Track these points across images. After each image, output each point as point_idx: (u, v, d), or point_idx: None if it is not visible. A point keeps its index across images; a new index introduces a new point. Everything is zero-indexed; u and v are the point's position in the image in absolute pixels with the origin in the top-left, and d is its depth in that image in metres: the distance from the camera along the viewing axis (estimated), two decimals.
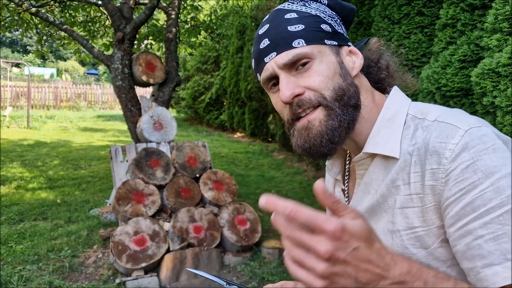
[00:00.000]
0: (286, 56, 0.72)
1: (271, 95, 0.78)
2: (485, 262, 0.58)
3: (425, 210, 0.66)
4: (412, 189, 0.67)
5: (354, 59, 0.77)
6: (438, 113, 0.69)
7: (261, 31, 0.76)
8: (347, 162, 0.86)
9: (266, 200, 0.51)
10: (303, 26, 0.73)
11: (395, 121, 0.73)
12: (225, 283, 0.74)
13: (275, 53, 0.73)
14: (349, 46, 0.78)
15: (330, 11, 0.78)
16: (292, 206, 0.51)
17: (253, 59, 0.79)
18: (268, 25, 0.75)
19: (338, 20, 0.79)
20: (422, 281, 0.54)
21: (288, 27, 0.73)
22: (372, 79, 0.81)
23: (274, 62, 0.73)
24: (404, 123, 0.72)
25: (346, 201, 0.83)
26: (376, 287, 0.52)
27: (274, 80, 0.76)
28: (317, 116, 0.72)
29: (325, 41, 0.74)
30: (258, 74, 0.78)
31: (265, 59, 0.74)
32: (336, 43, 0.75)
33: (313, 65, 0.72)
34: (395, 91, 0.79)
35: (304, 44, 0.72)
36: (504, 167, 0.59)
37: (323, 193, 0.51)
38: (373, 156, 0.75)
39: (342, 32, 0.78)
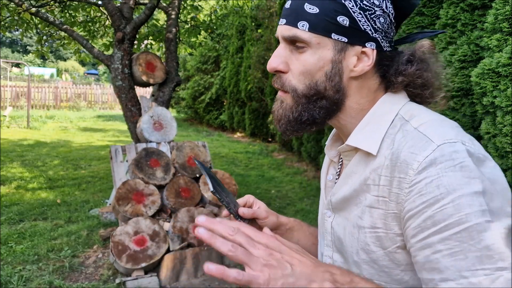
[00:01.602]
0: (287, 31, 0.72)
1: None
2: (442, 276, 0.59)
3: (387, 214, 0.67)
4: (380, 191, 0.68)
5: (359, 62, 0.72)
6: (423, 121, 0.68)
7: None
8: None
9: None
10: (318, 10, 0.69)
11: (383, 118, 0.73)
12: (212, 189, 0.75)
13: (285, 21, 0.73)
14: (364, 46, 0.72)
15: (372, 1, 0.70)
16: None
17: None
18: None
19: (378, 12, 0.71)
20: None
21: (305, 4, 0.70)
22: (386, 79, 0.76)
23: (280, 29, 0.74)
24: (392, 122, 0.72)
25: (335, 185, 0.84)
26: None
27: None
28: (287, 99, 0.75)
29: (332, 34, 0.70)
30: None
31: (280, 19, 0.75)
32: (346, 40, 0.70)
33: (306, 53, 0.71)
34: (389, 93, 0.76)
35: (307, 30, 0.70)
36: (467, 186, 0.59)
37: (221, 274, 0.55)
38: (356, 150, 0.75)
39: (368, 30, 0.71)
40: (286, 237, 0.90)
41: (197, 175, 3.84)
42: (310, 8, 0.70)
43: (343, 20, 0.69)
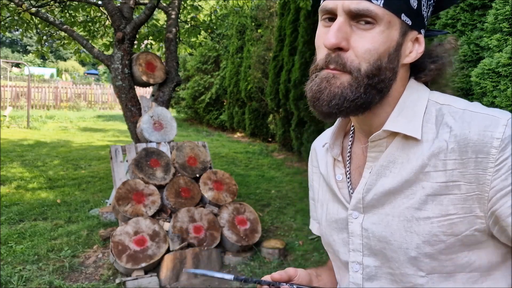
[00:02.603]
0: (357, 4, 0.65)
1: (320, 26, 0.72)
2: None
3: (466, 198, 0.64)
4: (449, 176, 0.65)
5: (414, 48, 0.71)
6: (465, 103, 0.68)
7: None
8: (349, 144, 0.82)
9: None
10: None
11: (417, 104, 0.71)
12: (232, 277, 0.73)
13: None
14: (420, 33, 0.71)
15: None
16: None
17: None
18: None
19: (432, 2, 0.71)
20: None
21: None
22: (418, 68, 0.75)
23: (342, 1, 0.66)
24: (426, 108, 0.71)
25: (349, 185, 0.79)
26: None
27: (332, 15, 0.69)
28: (342, 77, 0.67)
29: (402, 15, 0.67)
30: None
31: None
32: (410, 23, 0.68)
33: (374, 30, 0.66)
34: (414, 80, 0.76)
35: (381, 5, 0.65)
36: None
37: None
38: (391, 137, 0.72)
39: (425, 15, 0.70)
40: (321, 284, 0.86)
41: (197, 175, 3.84)
42: None
43: (413, 2, 0.67)
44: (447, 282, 0.68)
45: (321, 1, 0.71)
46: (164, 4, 4.71)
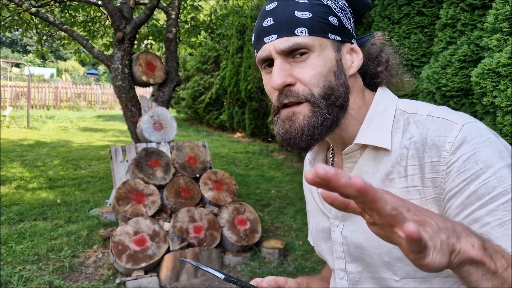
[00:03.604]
0: (285, 42, 0.70)
1: (264, 75, 0.77)
2: None
3: (424, 202, 0.67)
4: (409, 182, 0.68)
5: (353, 58, 0.75)
6: (429, 109, 0.71)
7: (268, 8, 0.74)
8: (331, 156, 0.85)
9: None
10: (310, 15, 0.70)
11: (385, 114, 0.74)
12: (223, 276, 0.74)
13: (276, 35, 0.71)
14: (352, 43, 0.76)
15: (343, 2, 0.75)
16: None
17: (254, 34, 0.77)
18: (276, 3, 0.73)
19: (349, 14, 0.76)
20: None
21: (295, 12, 0.70)
22: (369, 73, 0.79)
23: (272, 45, 0.71)
24: (394, 117, 0.74)
25: None
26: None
27: (269, 61, 0.74)
28: (302, 110, 0.71)
29: (329, 35, 0.72)
30: (255, 50, 0.76)
31: (265, 38, 0.72)
32: (340, 39, 0.73)
33: (310, 58, 0.70)
34: (383, 88, 0.79)
35: (307, 34, 0.70)
36: (502, 159, 0.62)
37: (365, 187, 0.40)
38: (363, 148, 0.75)
39: (349, 27, 0.75)
40: None
41: (197, 175, 3.84)
42: (302, 14, 0.70)
43: (333, 20, 0.72)
44: (423, 286, 0.69)
45: (255, 54, 0.76)
46: (164, 4, 4.71)
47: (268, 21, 0.72)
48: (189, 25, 6.14)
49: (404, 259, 0.68)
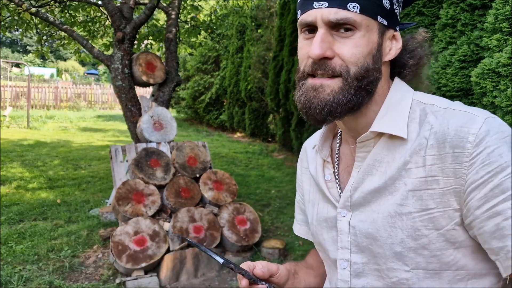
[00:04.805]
0: (335, 14, 0.68)
1: (301, 38, 0.75)
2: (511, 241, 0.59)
3: (444, 192, 0.66)
4: (427, 172, 0.67)
5: (392, 46, 0.75)
6: (448, 102, 0.71)
7: None
8: (337, 145, 0.85)
9: None
10: None
11: (402, 104, 0.74)
12: (222, 261, 0.75)
13: (327, 3, 0.68)
14: (396, 30, 0.75)
15: None
16: None
17: None
18: None
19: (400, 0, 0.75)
20: None
21: None
22: (399, 64, 0.79)
23: (320, 13, 0.69)
24: (410, 107, 0.73)
25: (337, 185, 0.81)
26: None
27: (312, 27, 0.71)
28: (331, 84, 0.70)
29: (378, 17, 0.70)
30: (300, 11, 0.74)
31: (314, 3, 0.70)
32: (386, 23, 0.72)
33: (355, 35, 0.69)
34: (399, 80, 0.79)
35: (358, 12, 0.68)
36: None
37: None
38: (378, 137, 0.74)
39: (397, 13, 0.75)
40: (296, 283, 0.87)
41: (197, 175, 3.84)
42: None
43: (386, 3, 0.71)
44: (433, 279, 0.69)
45: (299, 15, 0.74)
46: (164, 4, 4.71)
47: None
48: (189, 25, 6.14)
49: (417, 249, 0.68)
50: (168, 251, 3.22)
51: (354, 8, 0.68)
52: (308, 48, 0.70)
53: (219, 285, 3.13)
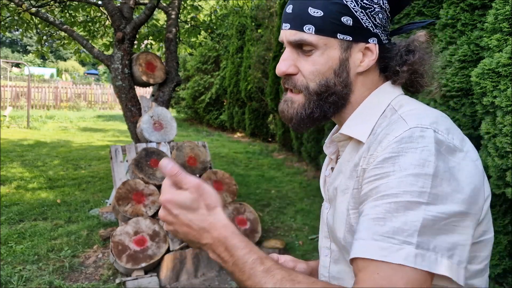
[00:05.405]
0: (294, 35, 0.75)
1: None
2: (358, 235, 0.63)
3: (359, 190, 0.70)
4: (359, 172, 0.72)
5: (365, 58, 0.77)
6: (410, 108, 0.72)
7: None
8: None
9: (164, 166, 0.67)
10: (322, 14, 0.73)
11: (374, 109, 0.77)
12: None
13: (289, 26, 0.76)
14: (368, 42, 0.76)
15: None
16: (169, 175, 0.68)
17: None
18: None
19: (376, 10, 0.75)
20: (224, 247, 0.67)
21: (309, 8, 0.74)
22: (390, 70, 0.80)
23: (285, 34, 0.77)
24: (383, 112, 0.76)
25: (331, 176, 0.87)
26: (200, 243, 0.70)
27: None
28: (297, 100, 0.79)
29: (338, 35, 0.74)
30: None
31: (283, 24, 0.78)
32: (351, 39, 0.74)
33: (314, 54, 0.75)
34: (387, 84, 0.80)
35: (313, 33, 0.74)
36: (418, 167, 0.61)
37: (164, 169, 0.67)
38: (350, 138, 0.79)
39: (369, 26, 0.75)
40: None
41: (197, 175, 3.84)
42: (314, 12, 0.73)
43: (347, 20, 0.73)
44: None
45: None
46: (164, 4, 4.71)
47: (289, 8, 0.77)
48: (189, 25, 6.14)
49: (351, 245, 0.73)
50: (168, 251, 3.22)
51: (309, 30, 0.74)
52: (277, 65, 0.79)
53: (219, 285, 3.13)
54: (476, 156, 0.69)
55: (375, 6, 0.75)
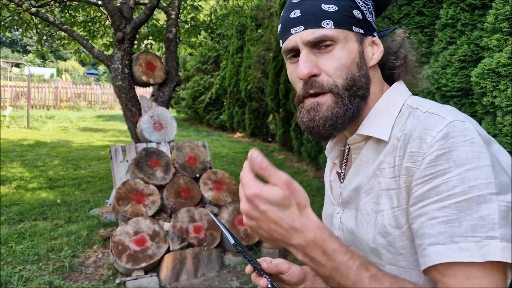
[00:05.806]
0: (312, 34, 0.73)
1: (288, 65, 0.80)
2: (432, 240, 0.61)
3: (400, 190, 0.69)
4: (396, 172, 0.70)
5: (374, 51, 0.79)
6: (432, 106, 0.72)
7: (295, 0, 0.77)
8: (347, 147, 0.88)
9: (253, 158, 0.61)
10: (337, 8, 0.74)
11: (391, 108, 0.77)
12: (233, 242, 0.75)
13: (303, 27, 0.74)
14: (373, 36, 0.79)
15: None
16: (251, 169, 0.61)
17: (280, 25, 0.80)
18: None
19: (371, 8, 0.80)
20: (321, 251, 0.62)
21: (322, 5, 0.74)
22: (387, 66, 0.82)
23: (299, 36, 0.74)
24: (400, 111, 0.76)
25: (340, 184, 0.85)
26: (287, 243, 0.63)
27: (295, 52, 0.77)
28: (326, 101, 0.75)
29: (353, 27, 0.75)
30: (281, 41, 0.79)
31: (291, 30, 0.75)
32: (362, 32, 0.76)
33: (335, 49, 0.74)
34: (399, 83, 0.82)
35: (333, 27, 0.73)
36: (476, 160, 0.61)
37: (254, 160, 0.60)
38: (367, 139, 0.78)
39: (371, 21, 0.79)
40: (316, 284, 0.88)
41: (197, 175, 3.84)
42: (329, 7, 0.74)
43: (357, 13, 0.75)
44: (405, 276, 0.71)
45: (281, 44, 0.80)
46: (164, 4, 4.71)
47: (295, 13, 0.75)
48: (189, 25, 6.14)
49: (386, 246, 0.71)
50: (168, 251, 3.22)
51: (328, 24, 0.73)
52: (297, 71, 0.75)
53: (219, 285, 3.13)
54: None
55: (370, 4, 0.79)
